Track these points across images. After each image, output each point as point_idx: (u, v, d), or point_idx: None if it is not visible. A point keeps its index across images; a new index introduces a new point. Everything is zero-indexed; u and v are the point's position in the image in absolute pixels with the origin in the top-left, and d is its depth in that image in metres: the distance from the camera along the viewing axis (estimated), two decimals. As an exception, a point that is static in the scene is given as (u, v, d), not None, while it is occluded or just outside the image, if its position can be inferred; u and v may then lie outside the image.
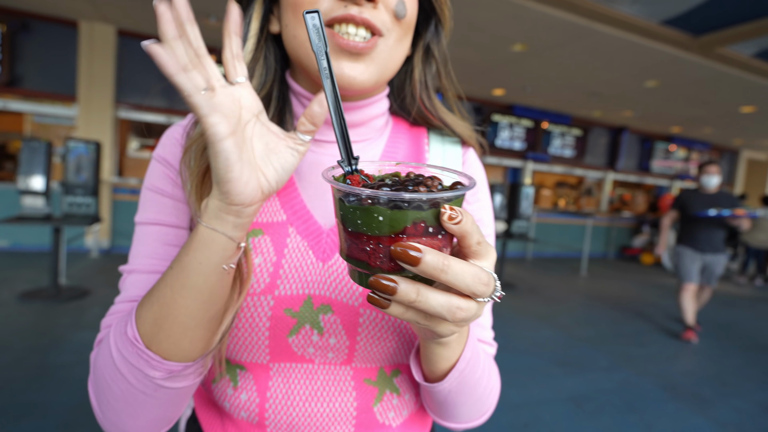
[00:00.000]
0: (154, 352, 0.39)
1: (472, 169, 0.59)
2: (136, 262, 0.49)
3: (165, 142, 0.52)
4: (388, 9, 0.45)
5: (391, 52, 0.47)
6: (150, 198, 0.50)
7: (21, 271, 4.13)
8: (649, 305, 5.01)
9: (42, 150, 3.47)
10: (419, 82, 0.56)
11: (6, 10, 4.65)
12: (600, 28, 3.93)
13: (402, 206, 0.27)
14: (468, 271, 0.28)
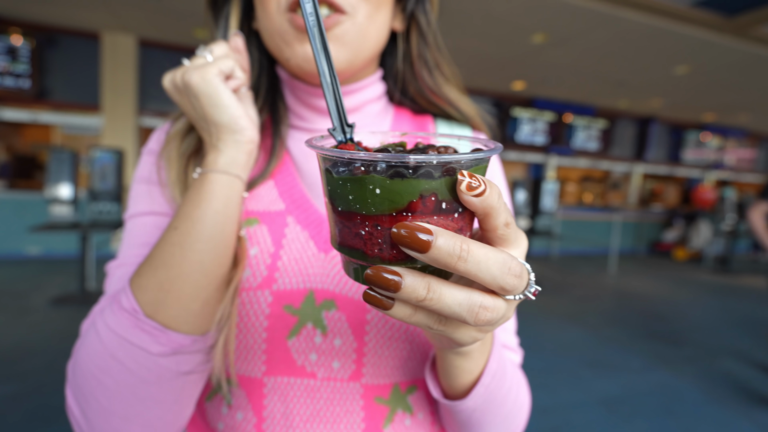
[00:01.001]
0: (158, 321, 0.36)
1: None
2: (128, 254, 0.45)
3: (154, 138, 0.52)
4: None
5: (360, 30, 0.44)
6: (141, 190, 0.49)
7: (52, 277, 4.28)
8: (685, 303, 4.77)
9: (68, 159, 3.58)
10: (417, 58, 0.52)
11: (33, 25, 4.83)
12: (625, 15, 3.76)
13: (405, 174, 0.21)
14: (494, 258, 0.22)
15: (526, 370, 0.52)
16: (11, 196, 4.95)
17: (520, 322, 0.73)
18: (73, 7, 4.34)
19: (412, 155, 0.20)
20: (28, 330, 2.93)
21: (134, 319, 0.36)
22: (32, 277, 4.25)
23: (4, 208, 4.92)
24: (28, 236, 4.96)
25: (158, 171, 0.48)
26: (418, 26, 0.52)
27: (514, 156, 7.49)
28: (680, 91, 6.39)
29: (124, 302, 0.36)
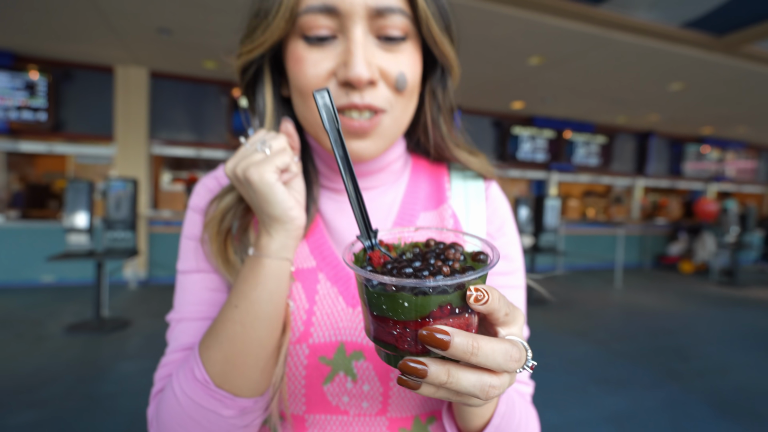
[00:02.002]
0: (227, 390, 0.42)
1: (496, 203, 0.59)
2: (184, 310, 0.51)
3: (199, 192, 0.56)
4: (390, 84, 0.46)
5: (396, 121, 0.49)
6: (190, 247, 0.53)
7: (67, 304, 4.35)
8: (692, 316, 4.77)
9: (85, 190, 3.71)
10: (431, 122, 0.56)
11: (51, 61, 5.05)
12: (618, 37, 3.90)
13: (427, 292, 0.27)
14: (499, 349, 0.28)
15: (535, 386, 0.59)
16: (25, 225, 5.07)
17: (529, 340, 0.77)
18: (89, 44, 4.55)
19: (432, 281, 0.27)
20: (45, 358, 2.99)
21: (207, 389, 0.42)
22: (47, 304, 4.33)
23: (19, 237, 5.03)
24: (42, 264, 5.07)
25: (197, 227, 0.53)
26: (435, 98, 0.55)
27: (516, 173, 7.60)
28: (676, 107, 6.52)
29: (196, 373, 0.43)
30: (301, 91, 0.47)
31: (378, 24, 0.44)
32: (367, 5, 0.43)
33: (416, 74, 0.49)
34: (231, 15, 3.68)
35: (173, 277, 4.58)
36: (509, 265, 0.56)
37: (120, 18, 3.82)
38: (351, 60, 0.42)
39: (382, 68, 0.45)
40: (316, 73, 0.45)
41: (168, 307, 3.46)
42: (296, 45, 0.46)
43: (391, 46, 0.46)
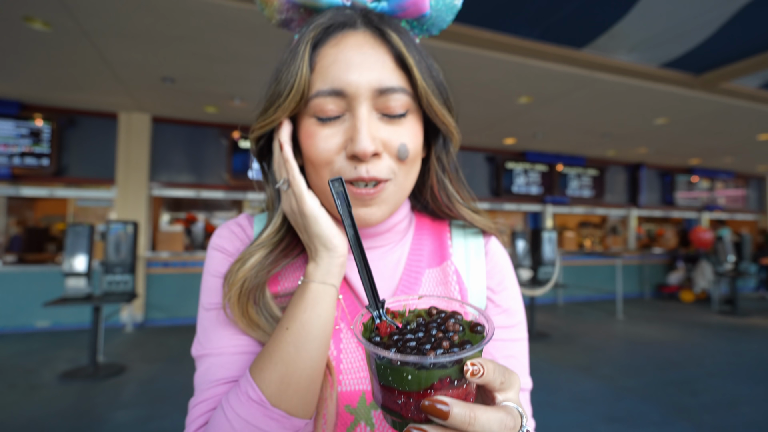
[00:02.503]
0: (284, 410, 0.44)
1: (495, 258, 0.61)
2: (214, 345, 0.52)
3: (223, 234, 0.58)
4: (392, 154, 0.50)
5: (400, 187, 0.52)
6: (214, 283, 0.55)
7: (61, 350, 4.26)
8: (697, 347, 4.72)
9: (85, 233, 3.73)
10: (437, 183, 0.59)
11: (56, 109, 5.21)
12: (601, 77, 4.10)
13: (428, 367, 0.30)
14: (494, 418, 0.31)
15: (542, 427, 0.60)
16: (22, 269, 5.04)
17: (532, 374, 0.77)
18: (94, 92, 4.71)
19: (432, 357, 0.30)
20: (38, 407, 2.91)
21: (263, 409, 0.43)
22: (41, 351, 4.24)
23: (15, 283, 4.99)
24: (37, 310, 5.00)
25: (228, 266, 0.54)
26: (440, 162, 0.59)
27: (511, 207, 7.70)
28: (663, 140, 6.73)
29: (251, 394, 0.44)
30: (313, 162, 0.50)
31: (381, 102, 0.48)
32: (371, 87, 0.47)
33: (417, 144, 0.52)
34: (231, 64, 3.85)
35: (170, 319, 4.53)
36: (510, 318, 0.58)
37: (126, 68, 3.99)
38: (357, 136, 0.46)
39: (384, 141, 0.49)
40: (326, 147, 0.49)
41: (164, 351, 3.43)
42: (308, 122, 0.50)
43: (394, 120, 0.50)
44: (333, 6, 0.52)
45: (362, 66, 0.47)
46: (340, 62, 0.48)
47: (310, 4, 0.51)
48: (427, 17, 0.55)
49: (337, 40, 0.49)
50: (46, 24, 3.12)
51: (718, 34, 3.42)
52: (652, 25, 3.32)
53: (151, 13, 2.99)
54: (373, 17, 0.51)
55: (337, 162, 0.49)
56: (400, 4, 0.52)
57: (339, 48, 0.48)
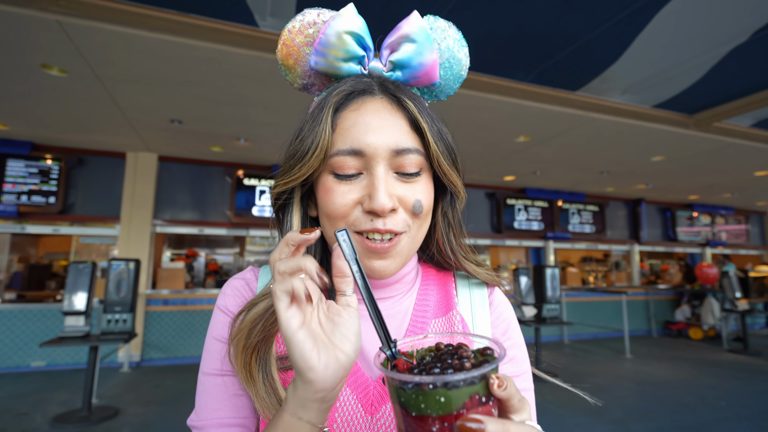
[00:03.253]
0: None
1: (499, 308, 0.63)
2: (209, 416, 0.52)
3: (228, 293, 0.58)
4: (407, 209, 0.52)
5: (413, 239, 0.55)
6: (216, 348, 0.54)
7: (55, 392, 4.15)
8: (710, 388, 4.56)
9: (87, 271, 3.72)
10: (442, 237, 0.61)
11: (66, 149, 5.34)
12: (597, 116, 4.22)
13: (459, 385, 0.32)
14: (524, 430, 0.32)
15: None
16: (21, 307, 4.98)
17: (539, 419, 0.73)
18: (104, 134, 4.86)
19: (463, 373, 0.31)
20: (27, 455, 2.80)
21: None
22: (34, 393, 4.12)
23: (13, 321, 4.93)
24: (33, 349, 4.91)
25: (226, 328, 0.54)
26: (446, 218, 0.61)
27: (513, 243, 7.69)
28: (661, 177, 6.81)
29: None
30: (329, 216, 0.53)
31: (397, 162, 0.52)
32: (388, 148, 0.51)
33: (430, 200, 0.55)
34: (237, 106, 3.99)
35: (167, 359, 4.43)
36: (517, 367, 0.59)
37: (136, 111, 4.13)
38: (375, 193, 0.49)
39: (400, 197, 0.52)
40: (344, 202, 0.51)
41: (160, 393, 3.34)
42: (327, 178, 0.53)
43: (408, 179, 0.53)
44: (352, 74, 0.56)
45: (381, 129, 0.51)
46: (360, 125, 0.51)
47: (332, 72, 0.56)
48: (437, 86, 0.60)
49: (357, 105, 0.53)
50: (62, 71, 3.27)
51: (707, 76, 3.54)
52: (642, 70, 3.45)
53: (162, 60, 3.13)
54: (389, 85, 0.55)
55: (353, 215, 0.52)
56: (413, 74, 0.56)
57: (359, 112, 0.52)
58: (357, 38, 0.54)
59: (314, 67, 0.56)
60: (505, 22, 2.82)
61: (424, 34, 0.55)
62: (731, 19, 2.74)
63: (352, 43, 0.54)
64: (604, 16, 2.73)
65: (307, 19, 0.56)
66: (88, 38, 2.82)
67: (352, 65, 0.55)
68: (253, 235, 6.35)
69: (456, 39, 0.59)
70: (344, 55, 0.54)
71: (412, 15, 0.55)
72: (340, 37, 0.53)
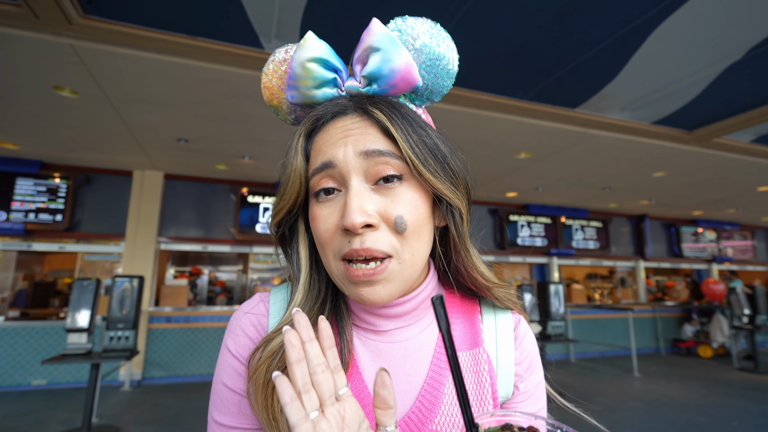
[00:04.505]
0: None
1: (524, 343, 0.61)
2: None
3: (235, 332, 0.55)
4: (390, 227, 0.48)
5: (407, 264, 0.50)
6: (227, 397, 0.52)
7: (55, 411, 4.12)
8: (721, 409, 4.45)
9: (91, 288, 3.75)
10: (455, 254, 0.57)
11: (74, 168, 5.44)
12: (597, 133, 4.26)
13: None
14: None
15: None
16: (24, 325, 4.99)
17: None
18: (112, 153, 4.95)
19: None
20: (26, 475, 2.77)
21: None
22: (35, 412, 4.09)
23: (16, 339, 4.93)
24: (35, 367, 4.90)
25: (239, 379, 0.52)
26: (450, 236, 0.56)
27: (517, 259, 7.66)
28: (663, 193, 6.81)
29: None
30: (318, 242, 0.52)
31: (372, 170, 0.48)
32: (357, 152, 0.48)
33: (417, 214, 0.49)
34: (242, 125, 4.08)
35: (169, 377, 4.40)
36: (535, 404, 0.59)
37: (144, 131, 4.22)
38: (346, 209, 0.46)
39: (381, 212, 0.48)
40: (325, 227, 0.50)
41: (161, 411, 3.32)
42: (312, 205, 0.52)
43: (387, 190, 0.48)
44: (329, 98, 0.54)
45: (347, 139, 0.49)
46: (328, 141, 0.51)
47: (309, 101, 0.55)
48: (422, 88, 0.55)
49: (327, 127, 0.52)
50: (73, 92, 3.37)
51: (704, 93, 3.59)
52: (640, 87, 3.51)
53: (170, 81, 3.23)
54: (364, 101, 0.52)
55: (336, 240, 0.49)
56: (388, 83, 0.52)
57: (328, 132, 0.52)
58: (322, 63, 0.53)
59: (292, 101, 0.56)
60: (504, 42, 2.89)
61: (387, 40, 0.50)
62: (725, 37, 2.80)
63: (318, 69, 0.52)
64: (601, 35, 2.79)
65: (277, 58, 0.57)
66: (100, 61, 2.92)
67: (326, 90, 0.54)
68: (257, 252, 6.37)
69: (432, 34, 0.53)
70: (313, 83, 0.53)
71: (371, 23, 0.51)
72: (303, 66, 0.52)
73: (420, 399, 0.51)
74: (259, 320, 0.55)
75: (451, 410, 0.51)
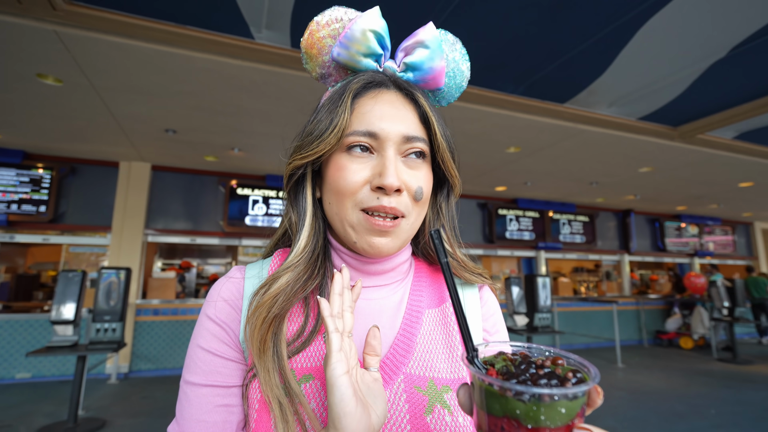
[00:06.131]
0: None
1: (488, 303, 0.67)
2: (190, 426, 0.51)
3: (214, 299, 0.57)
4: (410, 194, 0.56)
5: (412, 225, 0.58)
6: (201, 357, 0.54)
7: (40, 404, 4.07)
8: (702, 397, 4.59)
9: (77, 280, 3.69)
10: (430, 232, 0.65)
11: (59, 158, 5.33)
12: (585, 128, 4.32)
13: (579, 396, 0.32)
14: None
15: None
16: (7, 317, 4.89)
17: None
18: (98, 143, 4.86)
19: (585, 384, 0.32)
20: (11, 468, 2.74)
21: None
22: (19, 405, 4.04)
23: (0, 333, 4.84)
24: (19, 360, 4.82)
25: (217, 341, 0.55)
26: (440, 211, 0.66)
27: (505, 252, 7.74)
28: (649, 188, 6.94)
29: None
30: (338, 191, 0.56)
31: (405, 148, 0.56)
32: (400, 134, 0.56)
33: (429, 189, 0.59)
34: (232, 116, 4.03)
35: (157, 370, 4.39)
36: None
37: (130, 121, 4.15)
38: (385, 172, 0.53)
39: (405, 182, 0.55)
40: (355, 179, 0.55)
41: (149, 403, 3.32)
42: (340, 156, 0.56)
43: (413, 165, 0.57)
44: (369, 69, 0.61)
45: (394, 117, 0.56)
46: (376, 111, 0.56)
47: (351, 65, 0.61)
48: (441, 91, 0.66)
49: (374, 94, 0.58)
50: (58, 80, 3.29)
51: (689, 90, 3.66)
52: (627, 83, 3.56)
53: (157, 71, 3.17)
54: (402, 83, 0.60)
55: (362, 193, 0.55)
56: (423, 77, 0.61)
57: (376, 100, 0.57)
58: (378, 37, 0.59)
59: (336, 58, 0.60)
60: (495, 37, 2.91)
61: (436, 43, 0.60)
62: (709, 35, 2.85)
63: (373, 40, 0.59)
64: (590, 31, 2.82)
65: (334, 15, 0.61)
66: (85, 48, 2.86)
67: (370, 61, 0.60)
68: (246, 245, 6.33)
69: (462, 53, 0.65)
70: (365, 51, 0.59)
71: (428, 24, 0.61)
72: (364, 33, 0.58)
73: (394, 346, 0.57)
74: (235, 285, 0.59)
75: (422, 357, 0.57)
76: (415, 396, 0.53)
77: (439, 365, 0.57)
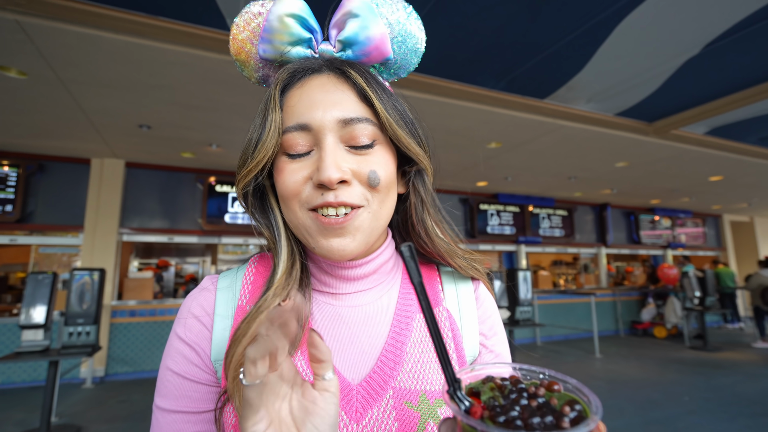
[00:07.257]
0: None
1: (485, 304, 0.61)
2: None
3: (184, 316, 0.54)
4: (363, 182, 0.50)
5: (375, 215, 0.51)
6: (170, 380, 0.51)
7: (10, 411, 3.90)
8: (674, 384, 4.76)
9: (47, 282, 3.54)
10: (415, 217, 0.58)
11: (26, 155, 5.09)
12: (564, 123, 4.38)
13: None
14: None
15: None
16: (-27, 322, 4.68)
17: None
18: (67, 139, 4.66)
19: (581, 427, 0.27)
20: (-21, 480, 2.62)
21: None
22: (-14, 414, 3.87)
23: (-36, 337, 4.62)
24: (-14, 367, 4.61)
25: (187, 364, 0.51)
26: (417, 193, 0.58)
27: (486, 247, 7.83)
28: (625, 182, 7.12)
29: None
30: (282, 195, 0.51)
31: (347, 134, 0.49)
32: (335, 119, 0.49)
33: (388, 172, 0.52)
34: (208, 111, 3.92)
35: (133, 373, 4.27)
36: (501, 360, 0.59)
37: (101, 116, 3.99)
38: (322, 165, 0.47)
39: (354, 170, 0.49)
40: (294, 179, 0.50)
41: (126, 407, 3.22)
42: (279, 159, 0.52)
43: (361, 151, 0.50)
44: (300, 57, 0.55)
45: (325, 102, 0.50)
46: (304, 100, 0.50)
47: (281, 58, 0.55)
48: (392, 61, 0.57)
49: (302, 82, 0.52)
50: (21, 73, 3.13)
51: (664, 86, 3.75)
52: (605, 79, 3.62)
53: (129, 64, 3.05)
54: (337, 62, 0.53)
55: (305, 191, 0.50)
56: (363, 51, 0.54)
57: (303, 89, 0.51)
58: (300, 20, 0.53)
59: (263, 56, 0.55)
60: (476, 32, 2.90)
61: (366, 8, 0.52)
62: (684, 32, 2.92)
63: (295, 25, 0.52)
64: (569, 27, 2.85)
65: (252, 11, 0.55)
66: (50, 39, 2.72)
67: (300, 49, 0.54)
68: (226, 243, 6.20)
69: (408, 12, 0.56)
70: (289, 39, 0.53)
71: None
72: (281, 20, 0.52)
73: (381, 359, 0.52)
74: (206, 299, 0.55)
75: (413, 368, 0.52)
76: (406, 413, 0.48)
77: (431, 376, 0.52)
